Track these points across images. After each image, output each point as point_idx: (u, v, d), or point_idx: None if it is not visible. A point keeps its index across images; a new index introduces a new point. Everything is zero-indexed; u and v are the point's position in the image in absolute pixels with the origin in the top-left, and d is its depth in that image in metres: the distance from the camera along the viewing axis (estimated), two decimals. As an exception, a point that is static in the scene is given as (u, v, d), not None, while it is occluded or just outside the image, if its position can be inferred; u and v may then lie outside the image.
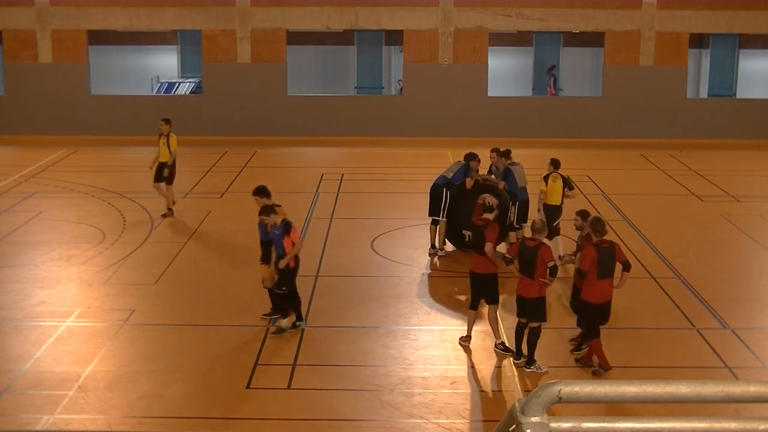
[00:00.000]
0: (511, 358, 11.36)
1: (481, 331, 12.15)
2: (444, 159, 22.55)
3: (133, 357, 11.53)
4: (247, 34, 26.95)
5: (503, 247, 14.49)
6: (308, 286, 14.04)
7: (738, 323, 12.78)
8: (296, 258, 12.19)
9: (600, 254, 10.85)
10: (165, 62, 31.67)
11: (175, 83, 30.03)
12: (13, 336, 12.11)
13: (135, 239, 16.56)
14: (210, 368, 11.20)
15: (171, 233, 17.24)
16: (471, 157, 15.54)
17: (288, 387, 10.73)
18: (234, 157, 24.24)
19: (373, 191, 20.81)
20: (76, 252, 15.71)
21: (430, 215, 15.68)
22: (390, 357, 11.53)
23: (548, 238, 15.00)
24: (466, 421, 9.99)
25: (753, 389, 3.18)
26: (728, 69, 30.63)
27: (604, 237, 11.09)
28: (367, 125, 27.31)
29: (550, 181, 15.24)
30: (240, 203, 18.30)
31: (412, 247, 16.17)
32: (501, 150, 16.00)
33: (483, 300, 11.74)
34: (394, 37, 29.65)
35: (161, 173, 17.95)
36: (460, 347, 11.77)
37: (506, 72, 30.47)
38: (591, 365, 11.15)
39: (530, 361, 11.12)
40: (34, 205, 18.90)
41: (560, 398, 3.12)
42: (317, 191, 20.48)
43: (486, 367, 11.35)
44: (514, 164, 15.77)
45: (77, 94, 27.15)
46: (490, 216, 11.71)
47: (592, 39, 28.43)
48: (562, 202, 15.32)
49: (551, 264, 10.96)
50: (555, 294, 13.56)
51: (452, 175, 15.53)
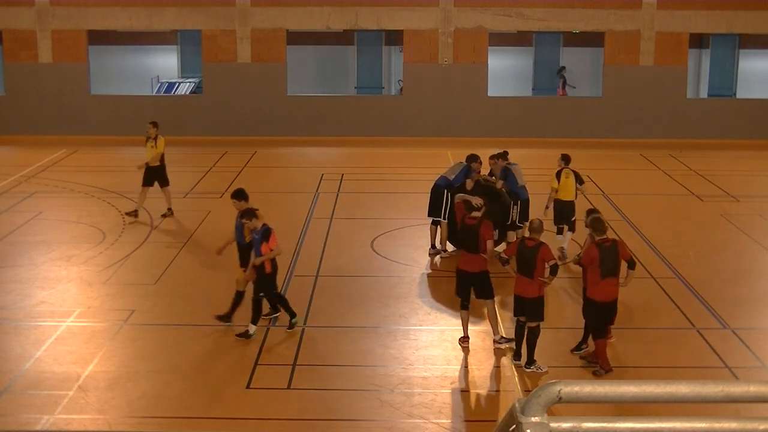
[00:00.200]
0: (511, 358, 11.37)
1: (481, 331, 12.16)
2: (444, 159, 22.55)
3: (133, 357, 11.54)
4: (247, 34, 26.95)
5: (501, 246, 14.48)
6: (308, 286, 14.05)
7: (738, 323, 12.78)
8: (273, 263, 12.01)
9: (602, 253, 10.86)
10: (165, 62, 31.66)
11: (175, 83, 30.02)
12: (13, 336, 12.11)
13: (135, 239, 16.56)
14: (210, 368, 11.21)
15: (171, 233, 17.24)
16: (472, 159, 15.51)
17: (288, 387, 10.74)
18: (234, 157, 24.23)
19: (373, 191, 20.80)
20: (76, 252, 15.71)
21: (430, 215, 15.67)
22: (390, 357, 11.53)
23: (571, 231, 15.15)
24: (466, 421, 10.00)
25: (753, 389, 3.19)
26: (728, 69, 30.63)
27: (606, 236, 11.11)
28: (367, 125, 27.30)
29: (563, 177, 15.22)
30: (240, 203, 18.26)
31: (412, 247, 16.17)
32: (498, 153, 15.96)
33: (474, 297, 11.72)
34: (394, 37, 29.65)
35: (149, 177, 17.94)
36: (460, 347, 11.77)
37: (506, 72, 30.46)
38: (595, 363, 11.14)
39: (530, 361, 11.13)
40: (34, 205, 18.89)
41: (560, 398, 3.12)
42: (317, 191, 20.47)
43: (486, 368, 11.35)
44: (512, 164, 15.78)
45: (77, 94, 27.13)
46: (479, 214, 11.74)
47: (592, 39, 28.42)
48: (576, 197, 15.34)
49: (552, 263, 10.99)
50: (555, 294, 13.56)
51: (453, 177, 15.48)
